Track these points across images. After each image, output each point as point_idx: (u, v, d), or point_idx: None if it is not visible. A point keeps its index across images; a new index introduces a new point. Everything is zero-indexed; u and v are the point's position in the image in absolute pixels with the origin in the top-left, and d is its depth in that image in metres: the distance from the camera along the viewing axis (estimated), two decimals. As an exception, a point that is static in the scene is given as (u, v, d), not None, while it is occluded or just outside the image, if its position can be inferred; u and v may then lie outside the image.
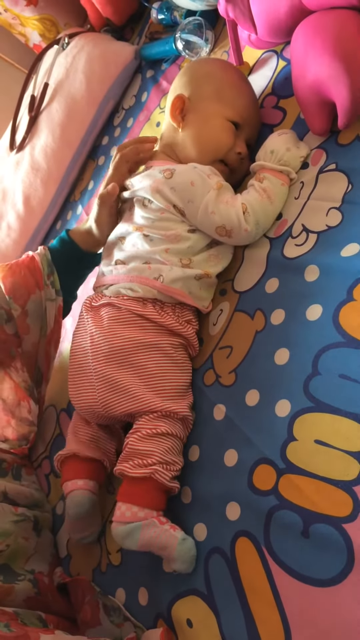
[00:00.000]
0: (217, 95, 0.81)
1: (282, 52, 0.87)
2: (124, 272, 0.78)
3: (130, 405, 0.71)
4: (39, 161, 1.34)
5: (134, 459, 0.67)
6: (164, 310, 0.76)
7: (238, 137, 0.81)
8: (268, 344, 0.66)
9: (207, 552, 0.63)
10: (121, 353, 0.73)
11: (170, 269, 0.74)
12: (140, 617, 0.68)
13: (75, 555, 0.84)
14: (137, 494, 0.66)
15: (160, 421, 0.69)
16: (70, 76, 1.33)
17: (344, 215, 0.65)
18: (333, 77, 0.64)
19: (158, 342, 0.73)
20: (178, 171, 0.77)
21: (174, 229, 0.76)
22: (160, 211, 0.77)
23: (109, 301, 0.77)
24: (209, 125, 0.80)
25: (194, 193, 0.75)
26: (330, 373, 0.57)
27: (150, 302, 0.75)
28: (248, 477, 0.61)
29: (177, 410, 0.70)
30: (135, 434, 0.69)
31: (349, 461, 0.52)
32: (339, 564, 0.50)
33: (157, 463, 0.66)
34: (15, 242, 1.37)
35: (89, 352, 0.75)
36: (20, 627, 0.62)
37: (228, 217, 0.73)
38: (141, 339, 0.73)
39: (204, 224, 0.75)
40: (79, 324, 0.81)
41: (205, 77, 0.83)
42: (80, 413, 0.80)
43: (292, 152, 0.73)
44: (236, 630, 0.56)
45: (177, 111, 0.82)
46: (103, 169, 1.28)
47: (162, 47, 1.20)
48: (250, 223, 0.72)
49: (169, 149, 0.86)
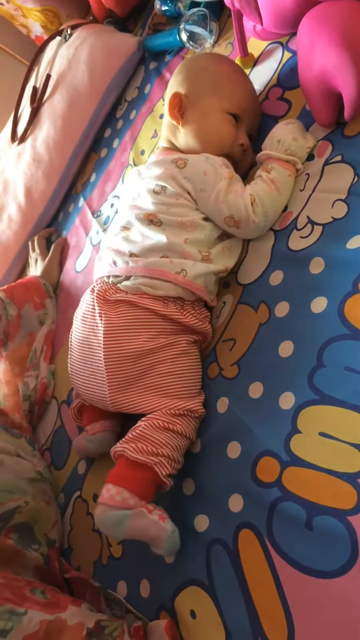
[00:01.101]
0: (213, 89, 0.80)
1: (288, 44, 0.87)
2: (142, 265, 0.75)
3: (143, 407, 0.70)
4: (41, 153, 1.33)
5: (140, 443, 0.65)
6: (184, 309, 0.74)
7: (239, 129, 0.81)
8: (272, 337, 0.66)
9: (208, 543, 0.62)
10: (136, 356, 0.71)
11: (194, 264, 0.73)
12: (142, 609, 0.67)
13: (76, 548, 0.84)
14: (131, 479, 0.64)
15: (177, 419, 0.68)
16: (72, 67, 1.32)
17: (349, 207, 0.64)
18: (339, 67, 0.64)
19: (175, 342, 0.72)
20: (191, 161, 0.76)
21: (189, 216, 0.75)
22: (176, 197, 0.76)
23: (126, 298, 0.73)
24: (209, 120, 0.80)
25: (206, 182, 0.74)
26: (335, 365, 0.57)
27: (172, 301, 0.74)
28: (251, 469, 0.61)
29: (194, 408, 0.69)
30: (149, 422, 0.68)
31: (353, 453, 0.52)
32: (343, 556, 0.50)
33: (164, 456, 0.65)
34: (16, 234, 1.36)
35: (101, 350, 0.72)
36: (54, 595, 0.65)
37: (236, 208, 0.72)
38: (159, 341, 0.71)
39: (213, 213, 0.75)
40: (87, 313, 0.77)
41: (199, 72, 0.83)
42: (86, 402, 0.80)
43: (299, 142, 0.73)
44: (238, 621, 0.56)
45: (175, 109, 0.82)
46: (105, 161, 1.28)
47: (166, 39, 1.19)
48: (258, 215, 0.72)
49: (171, 144, 0.86)
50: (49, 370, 1.06)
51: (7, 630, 0.55)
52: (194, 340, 0.74)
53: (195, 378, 0.73)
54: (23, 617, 0.57)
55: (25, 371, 1.05)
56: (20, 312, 1.08)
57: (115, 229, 0.83)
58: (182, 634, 0.62)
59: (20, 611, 0.57)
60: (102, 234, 1.14)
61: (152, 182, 0.78)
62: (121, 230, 0.81)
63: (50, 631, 0.57)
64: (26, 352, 1.07)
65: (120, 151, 1.22)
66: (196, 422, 0.70)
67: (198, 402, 0.70)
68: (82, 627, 0.60)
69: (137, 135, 1.18)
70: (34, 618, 0.57)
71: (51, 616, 0.59)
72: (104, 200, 1.21)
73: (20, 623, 0.56)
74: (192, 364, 0.73)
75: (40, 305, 1.13)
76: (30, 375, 1.04)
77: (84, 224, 1.24)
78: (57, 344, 1.11)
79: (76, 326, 0.79)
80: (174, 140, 0.85)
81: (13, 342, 1.07)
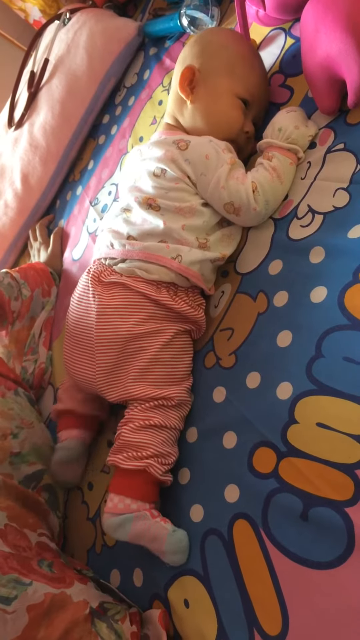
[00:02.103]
0: (229, 70, 0.78)
1: (291, 30, 0.85)
2: (139, 249, 0.74)
3: (123, 395, 0.71)
4: (38, 138, 1.31)
5: (127, 451, 0.67)
6: (177, 295, 0.74)
7: (246, 116, 0.79)
8: (270, 326, 0.65)
9: (203, 533, 0.62)
10: (125, 339, 0.71)
11: (190, 250, 0.72)
12: (135, 598, 0.67)
13: (70, 537, 0.84)
14: (129, 486, 0.66)
15: (153, 412, 0.69)
16: (71, 52, 1.30)
17: (351, 195, 0.63)
18: (344, 53, 0.62)
19: (164, 329, 0.72)
20: (193, 143, 0.75)
21: (188, 201, 0.74)
22: (175, 181, 0.75)
23: (120, 280, 0.73)
24: (220, 102, 0.78)
25: (207, 166, 0.73)
26: (334, 356, 0.57)
27: (165, 287, 0.73)
28: (248, 459, 0.60)
29: (170, 396, 0.69)
30: (128, 425, 0.69)
31: (351, 444, 0.51)
32: (339, 547, 0.49)
33: (151, 456, 0.66)
34: (12, 221, 1.34)
35: (92, 331, 0.73)
36: (61, 569, 0.66)
37: (237, 194, 0.71)
38: (148, 327, 0.71)
39: (213, 198, 0.73)
40: (82, 295, 0.77)
41: (218, 49, 0.80)
42: (76, 383, 0.80)
43: (300, 130, 0.72)
44: (233, 611, 0.56)
45: (186, 82, 0.79)
46: (103, 148, 1.26)
47: (167, 24, 1.17)
48: (259, 202, 0.71)
49: (175, 121, 0.84)
50: (48, 356, 1.07)
51: (12, 599, 0.55)
52: (186, 329, 0.74)
53: (180, 368, 0.73)
54: (28, 588, 0.57)
55: (24, 355, 1.04)
56: (32, 294, 1.08)
57: (116, 210, 0.81)
58: (175, 623, 0.62)
59: (26, 581, 0.58)
60: (100, 222, 1.13)
61: (152, 164, 0.77)
62: (122, 212, 0.80)
63: (54, 605, 0.58)
64: (25, 335, 1.07)
65: (118, 138, 1.21)
66: (179, 410, 0.70)
67: (178, 390, 0.70)
68: (86, 605, 0.60)
69: (135, 121, 1.17)
70: (39, 590, 0.58)
71: (56, 590, 0.59)
72: (101, 187, 1.19)
73: (25, 592, 0.56)
74: (179, 354, 0.73)
75: (47, 292, 1.14)
76: (29, 359, 1.04)
77: (81, 213, 1.23)
78: (54, 331, 1.11)
79: (72, 307, 0.79)
80: (179, 117, 0.82)
81: (21, 322, 1.07)
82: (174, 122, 0.84)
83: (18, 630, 0.54)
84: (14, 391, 0.87)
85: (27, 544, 0.68)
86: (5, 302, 1.02)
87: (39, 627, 0.55)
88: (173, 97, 0.83)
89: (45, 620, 0.56)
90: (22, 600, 0.56)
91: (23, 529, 0.69)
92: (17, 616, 0.55)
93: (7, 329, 1.06)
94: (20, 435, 0.80)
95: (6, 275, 1.05)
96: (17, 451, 0.79)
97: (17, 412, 0.82)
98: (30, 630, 0.55)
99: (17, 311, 1.06)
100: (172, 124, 0.84)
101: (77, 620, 0.57)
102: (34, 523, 0.73)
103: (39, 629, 0.55)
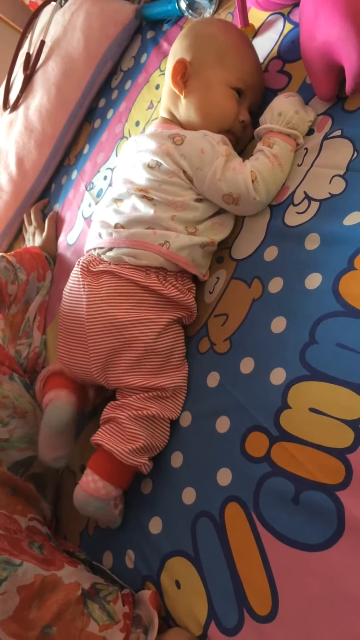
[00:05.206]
0: (220, 60, 0.78)
1: (289, 15, 0.85)
2: (125, 236, 0.74)
3: (119, 385, 0.72)
4: (34, 122, 1.30)
5: (118, 436, 0.67)
6: (167, 280, 0.74)
7: (241, 105, 0.79)
8: (265, 312, 0.66)
9: (194, 515, 0.63)
10: (117, 327, 0.71)
11: (177, 236, 0.72)
12: (127, 579, 0.68)
13: (62, 519, 0.84)
14: (107, 471, 0.67)
15: (150, 402, 0.69)
16: (67, 34, 1.28)
17: (348, 183, 0.63)
18: (343, 39, 0.62)
19: (157, 318, 0.71)
20: (189, 138, 0.74)
21: (181, 196, 0.74)
22: (169, 174, 0.74)
23: (108, 268, 0.73)
24: (212, 94, 0.77)
25: (203, 160, 0.72)
26: (328, 342, 0.57)
27: (154, 272, 0.73)
28: (240, 443, 0.61)
29: (167, 386, 0.69)
30: (125, 412, 0.68)
31: (343, 429, 0.52)
32: (329, 530, 0.50)
33: (144, 449, 0.67)
34: (7, 204, 1.33)
35: (84, 322, 0.72)
36: (51, 552, 0.67)
37: (235, 184, 0.71)
38: (139, 314, 0.71)
39: (211, 191, 0.73)
40: (73, 286, 0.77)
41: (207, 40, 0.80)
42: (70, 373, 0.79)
43: (300, 115, 0.71)
44: (223, 591, 0.57)
45: (178, 76, 0.79)
46: (99, 132, 1.25)
47: (164, 7, 1.16)
48: (260, 192, 0.71)
49: (170, 115, 0.83)
50: (42, 340, 1.07)
51: (2, 580, 0.55)
52: (178, 317, 0.74)
53: (174, 357, 0.73)
54: (18, 568, 0.57)
55: (18, 339, 1.04)
56: (28, 278, 1.09)
57: (107, 201, 0.81)
58: (166, 604, 0.63)
59: (16, 562, 0.58)
60: (95, 207, 1.12)
61: (147, 156, 0.76)
62: (112, 202, 0.80)
63: (45, 586, 0.58)
64: (20, 319, 1.07)
65: (114, 122, 1.20)
66: (175, 399, 0.71)
67: (175, 378, 0.71)
68: (78, 587, 0.61)
69: (132, 106, 1.16)
70: (30, 570, 0.58)
71: (47, 572, 0.60)
72: (97, 172, 1.18)
73: (15, 573, 0.57)
74: (173, 343, 0.73)
75: (42, 276, 1.14)
76: (23, 343, 1.04)
77: (77, 197, 1.22)
78: (48, 316, 1.11)
79: (64, 299, 0.79)
80: (174, 111, 0.82)
81: (17, 306, 1.07)
82: (169, 116, 0.83)
83: (9, 610, 0.55)
84: (8, 376, 0.87)
85: (17, 527, 0.69)
86: (2, 285, 1.02)
87: (31, 608, 0.56)
88: (167, 91, 0.83)
89: (37, 601, 0.57)
90: (12, 581, 0.56)
91: (13, 515, 0.70)
92: (8, 597, 0.55)
93: (4, 312, 1.06)
94: (10, 424, 0.79)
95: (2, 259, 1.05)
96: (6, 438, 0.78)
97: (11, 401, 0.81)
98: (22, 610, 0.55)
99: (13, 295, 1.06)
100: (168, 117, 0.84)
101: (69, 602, 0.58)
102: (22, 509, 0.73)
103: (30, 610, 0.56)
